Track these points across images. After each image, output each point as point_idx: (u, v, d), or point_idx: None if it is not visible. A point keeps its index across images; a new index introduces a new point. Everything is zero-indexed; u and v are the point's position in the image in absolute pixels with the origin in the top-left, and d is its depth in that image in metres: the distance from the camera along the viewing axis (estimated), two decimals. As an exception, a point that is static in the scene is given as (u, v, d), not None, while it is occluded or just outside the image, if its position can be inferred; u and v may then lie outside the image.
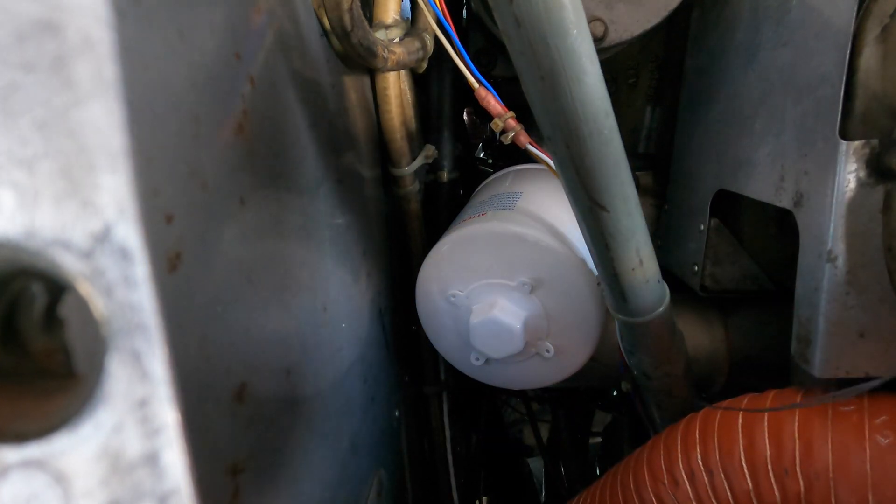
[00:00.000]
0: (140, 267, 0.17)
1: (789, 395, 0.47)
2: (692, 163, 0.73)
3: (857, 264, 0.44)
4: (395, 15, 0.61)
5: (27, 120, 0.16)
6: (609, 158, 0.39)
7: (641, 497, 0.52)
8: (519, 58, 0.34)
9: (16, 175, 0.16)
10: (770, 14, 0.55)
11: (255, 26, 0.38)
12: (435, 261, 0.62)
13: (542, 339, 0.61)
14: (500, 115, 0.58)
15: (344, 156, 0.57)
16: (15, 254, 0.17)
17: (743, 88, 0.60)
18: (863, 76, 0.43)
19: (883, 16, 0.43)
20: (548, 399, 1.19)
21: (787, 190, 0.50)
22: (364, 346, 0.63)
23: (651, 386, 0.60)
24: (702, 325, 0.72)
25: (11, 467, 0.17)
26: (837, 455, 0.42)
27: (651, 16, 0.64)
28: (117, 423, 0.17)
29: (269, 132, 0.38)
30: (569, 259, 0.58)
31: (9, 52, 0.16)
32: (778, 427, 0.45)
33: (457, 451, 0.95)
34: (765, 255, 0.64)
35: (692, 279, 0.68)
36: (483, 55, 0.80)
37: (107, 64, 0.16)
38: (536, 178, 0.74)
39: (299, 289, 0.43)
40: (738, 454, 0.46)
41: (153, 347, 0.17)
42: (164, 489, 0.17)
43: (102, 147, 0.16)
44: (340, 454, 0.53)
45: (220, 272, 0.31)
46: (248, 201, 0.34)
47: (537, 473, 1.37)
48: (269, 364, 0.37)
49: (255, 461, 0.34)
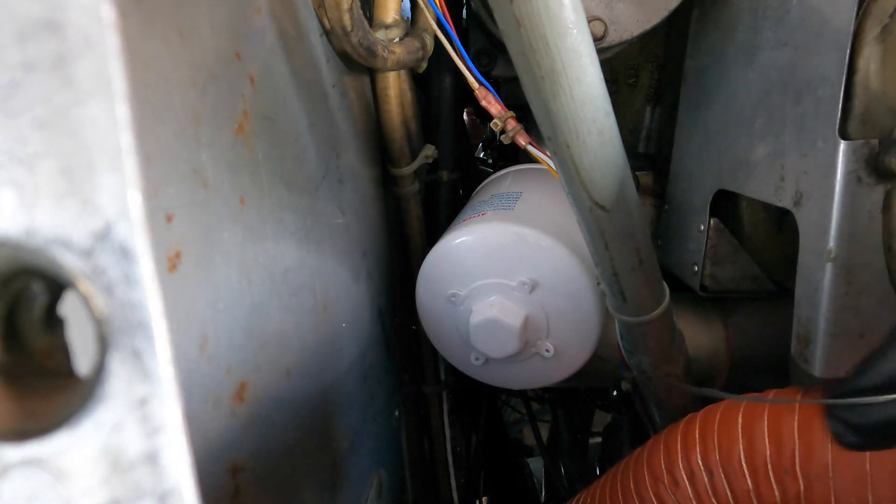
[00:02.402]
0: (140, 266, 0.17)
1: (789, 395, 0.47)
2: (692, 163, 0.73)
3: (857, 264, 0.44)
4: (395, 15, 0.61)
5: (28, 119, 0.16)
6: (609, 158, 0.39)
7: (641, 497, 0.52)
8: (519, 58, 0.34)
9: (16, 174, 0.16)
10: (770, 14, 0.55)
11: (255, 26, 0.38)
12: (435, 261, 0.62)
13: (541, 339, 0.61)
14: (500, 115, 0.58)
15: (344, 156, 0.57)
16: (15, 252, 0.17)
17: (743, 88, 0.60)
18: (863, 76, 0.43)
19: (883, 16, 0.43)
20: (548, 399, 1.19)
21: (787, 189, 0.50)
22: (364, 346, 0.63)
23: (651, 386, 0.60)
24: (702, 325, 0.72)
25: (12, 466, 0.17)
26: (837, 455, 0.42)
27: (651, 16, 0.64)
28: (117, 421, 0.17)
29: (269, 132, 0.38)
30: (569, 259, 0.58)
31: (9, 51, 0.16)
32: (778, 427, 0.45)
33: (457, 451, 0.95)
34: (765, 255, 0.64)
35: (692, 279, 0.68)
36: (483, 55, 0.80)
37: (107, 63, 0.16)
38: (536, 178, 0.74)
39: (299, 289, 0.43)
40: (738, 454, 0.46)
41: (153, 346, 0.17)
42: (164, 488, 0.17)
43: (103, 146, 0.16)
44: (340, 454, 0.53)
45: (220, 272, 0.31)
46: (248, 201, 0.34)
47: (537, 473, 1.37)
48: (269, 364, 0.37)
49: (255, 461, 0.34)
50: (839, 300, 0.45)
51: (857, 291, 0.44)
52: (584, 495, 0.61)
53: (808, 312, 0.47)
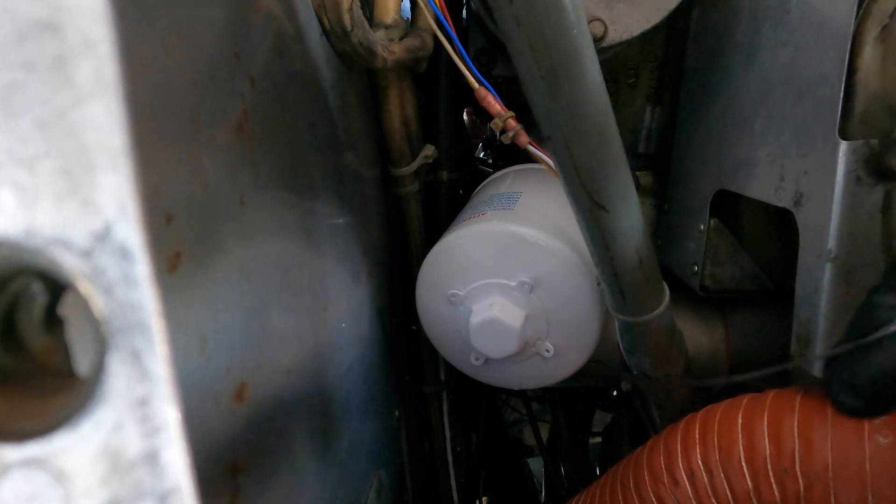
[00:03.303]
0: (140, 266, 0.17)
1: (789, 395, 0.47)
2: (692, 163, 0.73)
3: (857, 264, 0.44)
4: (395, 15, 0.61)
5: (27, 119, 0.16)
6: (609, 158, 0.39)
7: (641, 497, 0.52)
8: (519, 58, 0.34)
9: (16, 174, 0.16)
10: (770, 14, 0.55)
11: (255, 26, 0.38)
12: (435, 261, 0.62)
13: (541, 339, 0.61)
14: (500, 115, 0.58)
15: (344, 156, 0.57)
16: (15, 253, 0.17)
17: (743, 88, 0.60)
18: (863, 76, 0.43)
19: (883, 16, 0.43)
20: (548, 399, 1.19)
21: (787, 190, 0.50)
22: (364, 346, 0.63)
23: (651, 386, 0.60)
24: (702, 325, 0.72)
25: (12, 466, 0.17)
26: (837, 455, 0.42)
27: (651, 16, 0.64)
28: (117, 421, 0.17)
29: (269, 132, 0.38)
30: (569, 259, 0.58)
31: (9, 52, 0.16)
32: (778, 427, 0.45)
33: (457, 451, 0.94)
34: (765, 255, 0.64)
35: (692, 279, 0.69)
36: (483, 55, 0.80)
37: (107, 63, 0.16)
38: (536, 178, 0.74)
39: (299, 289, 0.43)
40: (737, 454, 0.46)
41: (153, 346, 0.17)
42: (164, 488, 0.17)
43: (103, 146, 0.16)
44: (340, 454, 0.53)
45: (220, 272, 0.31)
46: (248, 201, 0.34)
47: (537, 473, 1.37)
48: (269, 364, 0.37)
49: (255, 461, 0.34)
50: (839, 300, 0.45)
51: (857, 291, 0.44)
52: (584, 495, 0.61)
53: (808, 312, 0.47)
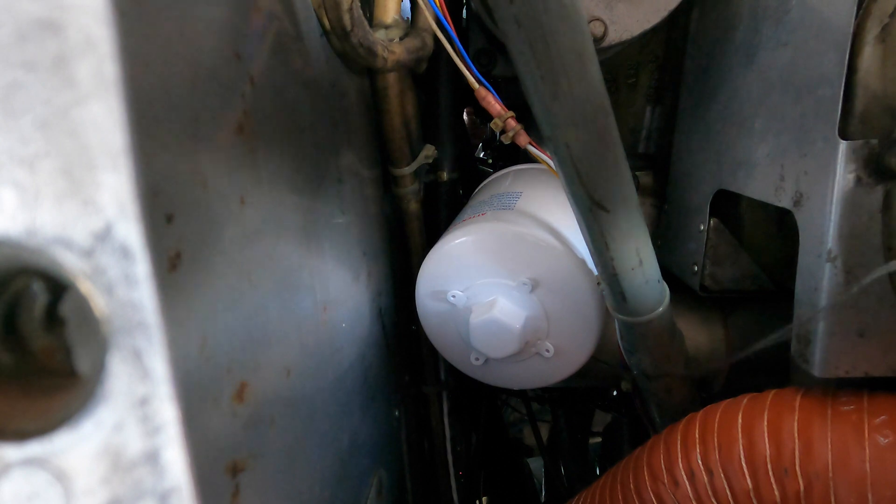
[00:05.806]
0: (140, 266, 0.17)
1: (789, 395, 0.47)
2: (692, 163, 0.73)
3: (857, 264, 0.44)
4: (395, 15, 0.61)
5: (28, 119, 0.16)
6: (609, 158, 0.39)
7: (641, 497, 0.52)
8: (519, 58, 0.35)
9: (17, 174, 0.16)
10: (770, 14, 0.55)
11: (255, 26, 0.38)
12: (435, 261, 0.62)
13: (541, 338, 0.61)
14: (500, 115, 0.58)
15: (344, 156, 0.57)
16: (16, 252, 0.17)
17: (743, 88, 0.60)
18: (862, 76, 0.43)
19: (883, 16, 0.43)
20: (548, 399, 1.19)
21: (787, 190, 0.50)
22: (364, 346, 0.63)
23: (651, 386, 0.60)
24: (702, 325, 0.72)
25: (13, 465, 0.17)
26: (837, 455, 0.42)
27: (651, 16, 0.64)
28: (118, 421, 0.17)
29: (269, 132, 0.38)
30: (569, 259, 0.58)
31: (10, 52, 0.16)
32: (777, 427, 0.45)
33: (457, 451, 0.95)
34: (765, 255, 0.64)
35: (692, 279, 0.68)
36: (483, 55, 0.80)
37: (107, 63, 0.16)
38: (536, 178, 0.75)
39: (299, 289, 0.43)
40: (737, 454, 0.46)
41: (154, 346, 0.17)
42: (164, 487, 0.17)
43: (103, 146, 0.16)
44: (340, 454, 0.53)
45: (220, 272, 0.31)
46: (248, 201, 0.34)
47: (537, 473, 1.37)
48: (269, 364, 0.37)
49: (255, 461, 0.34)
50: (839, 300, 0.44)
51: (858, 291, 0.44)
52: (584, 495, 0.61)
53: (808, 312, 0.47)
